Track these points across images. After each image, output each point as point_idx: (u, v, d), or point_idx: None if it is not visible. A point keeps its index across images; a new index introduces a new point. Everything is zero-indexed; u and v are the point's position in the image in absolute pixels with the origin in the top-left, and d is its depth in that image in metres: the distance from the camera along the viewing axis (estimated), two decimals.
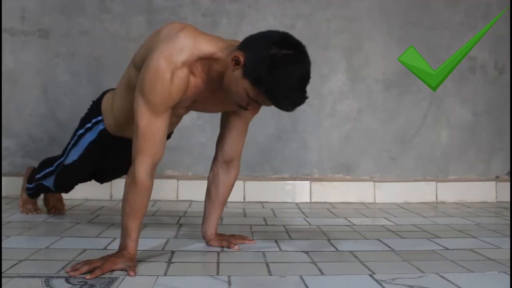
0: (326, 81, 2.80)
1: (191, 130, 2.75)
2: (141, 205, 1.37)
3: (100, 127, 1.71)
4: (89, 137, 1.74)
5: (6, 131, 2.70)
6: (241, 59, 1.28)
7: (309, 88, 1.52)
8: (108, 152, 1.76)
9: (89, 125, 1.74)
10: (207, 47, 1.37)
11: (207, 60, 1.37)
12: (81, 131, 1.77)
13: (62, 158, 1.87)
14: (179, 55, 1.33)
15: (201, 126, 2.75)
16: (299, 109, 2.93)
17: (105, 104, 1.72)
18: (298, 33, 2.77)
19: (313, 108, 2.79)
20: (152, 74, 1.33)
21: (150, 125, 1.35)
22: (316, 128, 2.80)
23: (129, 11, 2.73)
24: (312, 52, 1.22)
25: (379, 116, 2.83)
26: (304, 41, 3.02)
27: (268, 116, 2.76)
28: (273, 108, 2.84)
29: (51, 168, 1.94)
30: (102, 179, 2.02)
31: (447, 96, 2.85)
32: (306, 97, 1.29)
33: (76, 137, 1.79)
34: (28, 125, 2.72)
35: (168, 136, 1.78)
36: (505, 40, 2.85)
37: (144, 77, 1.35)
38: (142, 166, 1.35)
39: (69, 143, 1.85)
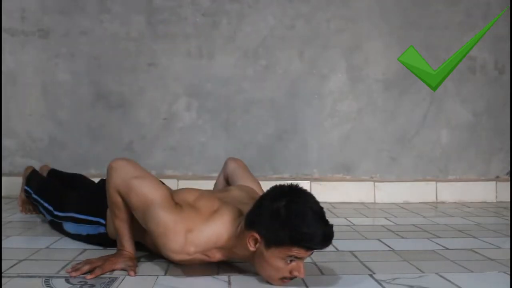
0: (326, 81, 2.79)
1: (191, 130, 2.75)
2: (120, 212, 1.37)
3: (101, 230, 1.59)
4: (88, 230, 1.63)
5: (6, 131, 2.70)
6: (256, 235, 1.21)
7: (309, 88, 1.48)
8: (107, 244, 1.62)
9: (91, 219, 1.62)
10: (227, 232, 1.29)
11: (223, 246, 1.30)
12: (81, 217, 1.65)
13: (62, 214, 1.74)
14: (198, 244, 1.26)
15: (201, 126, 2.75)
16: (299, 109, 2.94)
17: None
18: (298, 33, 2.81)
19: (313, 108, 2.79)
20: (166, 230, 1.25)
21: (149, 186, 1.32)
22: (316, 128, 2.80)
23: (129, 11, 2.73)
24: (312, 52, 1.22)
25: (379, 116, 2.83)
26: (304, 41, 3.02)
27: (268, 116, 2.76)
28: (272, 108, 2.85)
29: (49, 208, 1.82)
30: None
31: (447, 96, 2.85)
32: (331, 226, 1.20)
33: (76, 215, 1.67)
34: (28, 125, 2.72)
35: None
36: (505, 40, 2.85)
37: (158, 235, 1.27)
38: (114, 183, 1.34)
39: (71, 203, 1.72)
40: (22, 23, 2.70)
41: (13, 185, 2.51)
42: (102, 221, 1.57)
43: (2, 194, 2.57)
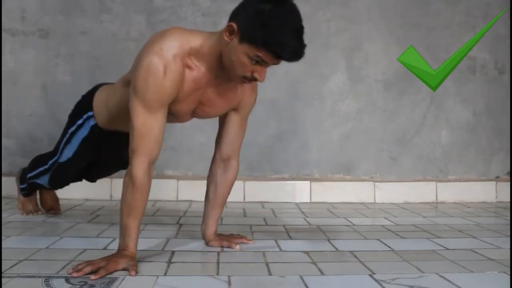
0: (326, 81, 2.80)
1: (191, 130, 2.75)
2: (139, 204, 1.38)
3: (91, 122, 1.71)
4: (81, 134, 1.74)
5: (6, 131, 2.70)
6: (234, 26, 1.31)
7: (309, 89, 1.46)
8: (102, 146, 1.76)
9: (80, 121, 1.74)
10: (196, 39, 1.40)
11: (200, 51, 1.39)
12: (72, 129, 1.77)
13: (56, 157, 1.86)
14: (169, 49, 1.36)
15: (201, 126, 2.75)
16: (299, 109, 2.93)
17: (97, 99, 1.71)
18: None
19: (313, 108, 2.79)
20: (144, 70, 1.35)
21: (145, 123, 1.36)
22: (316, 128, 2.80)
23: (129, 11, 2.73)
24: (312, 52, 1.23)
25: (379, 116, 2.83)
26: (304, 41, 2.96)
27: (268, 117, 2.76)
28: (273, 108, 2.84)
29: (45, 167, 1.93)
30: (95, 176, 2.02)
31: (447, 96, 2.85)
32: (304, 45, 1.33)
33: (68, 135, 1.79)
34: (28, 125, 2.72)
35: None
36: (505, 40, 2.85)
37: (137, 75, 1.37)
38: (138, 165, 1.36)
39: (61, 141, 1.84)
40: (22, 23, 2.70)
41: (13, 185, 2.49)
42: (90, 113, 1.67)
43: (2, 194, 2.57)
